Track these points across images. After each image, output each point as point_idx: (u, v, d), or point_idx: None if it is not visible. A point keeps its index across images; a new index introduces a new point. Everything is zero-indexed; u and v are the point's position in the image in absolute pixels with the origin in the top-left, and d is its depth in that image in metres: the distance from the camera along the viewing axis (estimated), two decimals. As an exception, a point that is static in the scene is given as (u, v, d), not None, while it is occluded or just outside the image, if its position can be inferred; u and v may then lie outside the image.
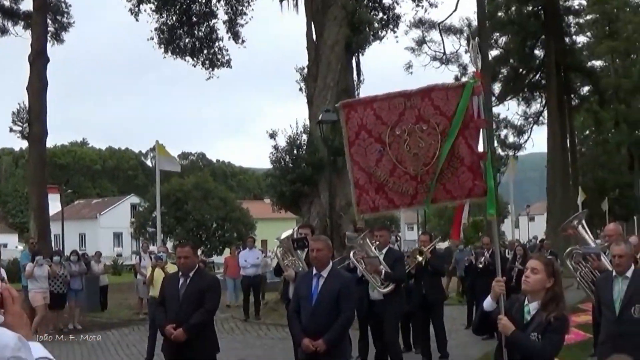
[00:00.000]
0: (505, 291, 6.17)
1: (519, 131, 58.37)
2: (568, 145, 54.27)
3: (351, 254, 12.81)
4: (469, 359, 14.63)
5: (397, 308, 12.52)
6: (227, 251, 41.87)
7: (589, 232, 11.62)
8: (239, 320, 22.59)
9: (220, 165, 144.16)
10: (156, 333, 13.39)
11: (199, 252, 58.56)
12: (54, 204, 51.04)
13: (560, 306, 6.02)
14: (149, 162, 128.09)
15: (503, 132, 57.95)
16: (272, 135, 24.96)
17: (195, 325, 9.33)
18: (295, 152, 24.38)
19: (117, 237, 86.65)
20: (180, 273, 9.73)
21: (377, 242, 12.70)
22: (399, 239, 31.13)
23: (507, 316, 6.06)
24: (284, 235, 13.06)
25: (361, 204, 6.90)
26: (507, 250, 20.97)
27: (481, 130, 6.58)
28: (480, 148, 6.61)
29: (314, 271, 9.02)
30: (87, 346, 18.30)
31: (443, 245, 28.49)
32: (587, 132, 71.65)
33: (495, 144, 53.39)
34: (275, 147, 24.73)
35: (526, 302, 6.10)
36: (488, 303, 6.12)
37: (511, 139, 58.82)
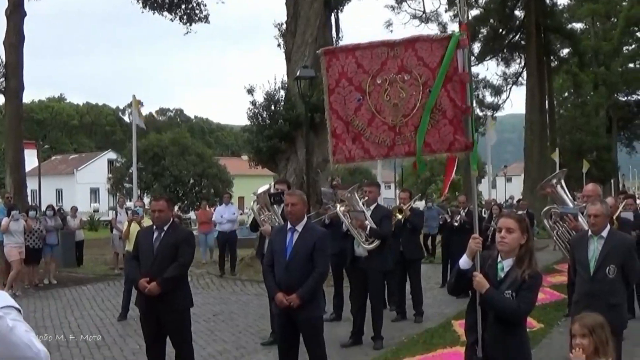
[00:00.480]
0: (481, 249, 6.10)
1: (497, 91, 58.24)
2: (547, 106, 54.28)
3: (338, 207, 12.73)
4: (443, 317, 14.64)
5: (382, 265, 12.40)
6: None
7: (567, 192, 11.59)
8: (215, 276, 22.56)
9: (198, 121, 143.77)
10: (131, 288, 13.32)
11: (176, 208, 58.76)
12: (31, 160, 50.66)
13: (532, 262, 5.96)
14: (126, 118, 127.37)
15: (481, 92, 57.85)
16: (250, 91, 24.81)
17: (169, 279, 9.25)
18: (272, 108, 24.18)
19: (94, 192, 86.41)
20: (154, 227, 9.63)
21: (366, 198, 12.56)
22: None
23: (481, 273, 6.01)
24: (260, 190, 12.98)
25: (337, 153, 6.80)
26: (483, 210, 21.01)
27: (467, 84, 6.47)
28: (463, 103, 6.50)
29: (289, 225, 8.98)
30: (62, 301, 18.19)
31: (420, 204, 28.52)
32: (566, 94, 71.69)
33: (474, 103, 53.38)
34: (253, 103, 24.55)
35: (499, 258, 6.02)
36: (464, 261, 6.02)
37: (489, 99, 58.79)
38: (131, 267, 10.01)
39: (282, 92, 24.80)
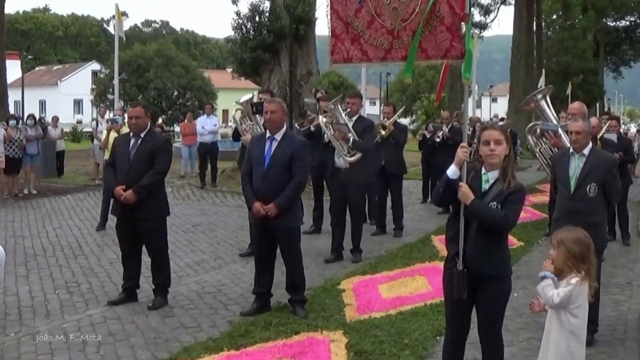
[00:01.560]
0: (469, 159, 5.95)
1: (486, 10, 57.75)
2: (534, 27, 53.81)
3: (320, 118, 12.52)
4: (423, 232, 14.64)
5: (363, 177, 12.26)
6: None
7: (551, 108, 11.50)
8: (195, 187, 22.48)
9: (184, 33, 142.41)
10: (110, 197, 13.19)
11: (160, 120, 58.39)
12: (14, 70, 50.14)
13: (514, 173, 5.86)
14: (111, 29, 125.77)
15: (469, 11, 57.17)
16: (235, 1, 24.41)
17: (145, 186, 9.15)
18: (257, 19, 23.82)
19: (78, 104, 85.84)
20: (131, 134, 9.49)
21: (349, 109, 12.32)
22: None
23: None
24: (243, 99, 12.81)
25: (335, 53, 6.75)
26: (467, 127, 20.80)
27: None
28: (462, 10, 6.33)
29: (267, 134, 8.83)
30: (41, 211, 18.07)
31: (405, 121, 28.36)
32: (555, 16, 71.11)
33: (471, 11, 52.91)
34: (237, 14, 24.16)
35: (483, 170, 5.90)
36: (452, 170, 5.86)
37: (477, 17, 58.25)
38: (108, 174, 9.88)
39: (267, 3, 24.42)
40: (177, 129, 48.44)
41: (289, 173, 8.65)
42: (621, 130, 16.99)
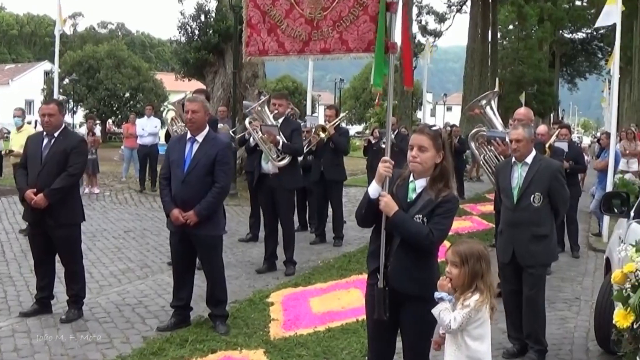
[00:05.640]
0: (391, 175, 5.32)
1: (441, 18, 57.73)
2: (489, 37, 53.90)
3: (246, 121, 11.85)
4: (364, 242, 14.04)
5: (292, 183, 11.71)
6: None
7: (497, 114, 11.03)
8: (134, 191, 21.85)
9: (139, 35, 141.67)
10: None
11: (110, 122, 57.90)
12: (-35, 69, 49.20)
13: (449, 184, 5.24)
14: (66, 29, 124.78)
15: (425, 19, 57.33)
16: (180, 0, 23.73)
17: (57, 190, 8.48)
18: (202, 18, 23.28)
19: (29, 104, 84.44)
20: (44, 133, 8.81)
21: (275, 112, 11.65)
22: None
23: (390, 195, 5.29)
24: (174, 100, 12.23)
25: (250, 44, 6.27)
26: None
27: None
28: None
29: (189, 135, 8.21)
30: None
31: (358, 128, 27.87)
32: (511, 26, 71.62)
33: (416, 29, 52.80)
34: (182, 13, 23.56)
35: (411, 178, 5.31)
36: (373, 189, 5.29)
37: (432, 25, 58.28)
38: (19, 176, 9.11)
39: (214, 3, 23.96)
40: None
41: (210, 177, 8.05)
42: (572, 138, 16.75)
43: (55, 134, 8.71)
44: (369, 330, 5.63)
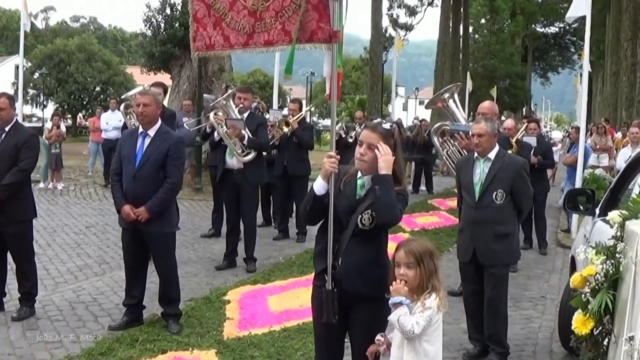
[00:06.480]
0: (337, 170, 5.10)
1: (412, 12, 57.60)
2: (461, 30, 53.85)
3: (211, 115, 11.59)
4: (329, 238, 13.89)
5: (257, 178, 11.49)
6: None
7: (460, 108, 10.85)
8: (99, 186, 21.49)
9: (111, 29, 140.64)
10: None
11: (80, 115, 57.45)
12: None
13: (401, 183, 5.03)
14: (38, 24, 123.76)
15: (395, 12, 57.22)
16: (146, -8, 23.38)
17: (8, 185, 8.19)
18: (168, 12, 22.92)
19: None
20: (-5, 128, 8.52)
21: (241, 105, 11.45)
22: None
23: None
24: (131, 93, 11.95)
25: (197, 39, 6.00)
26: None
27: None
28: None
29: (140, 129, 7.96)
30: None
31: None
32: (483, 20, 71.52)
33: (387, 22, 52.67)
34: (148, 6, 23.18)
35: (359, 174, 5.11)
36: (319, 185, 5.08)
37: (403, 19, 58.15)
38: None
39: (180, -5, 23.48)
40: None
41: (162, 173, 7.82)
42: (542, 132, 16.58)
43: (7, 129, 8.42)
44: (316, 333, 5.45)
